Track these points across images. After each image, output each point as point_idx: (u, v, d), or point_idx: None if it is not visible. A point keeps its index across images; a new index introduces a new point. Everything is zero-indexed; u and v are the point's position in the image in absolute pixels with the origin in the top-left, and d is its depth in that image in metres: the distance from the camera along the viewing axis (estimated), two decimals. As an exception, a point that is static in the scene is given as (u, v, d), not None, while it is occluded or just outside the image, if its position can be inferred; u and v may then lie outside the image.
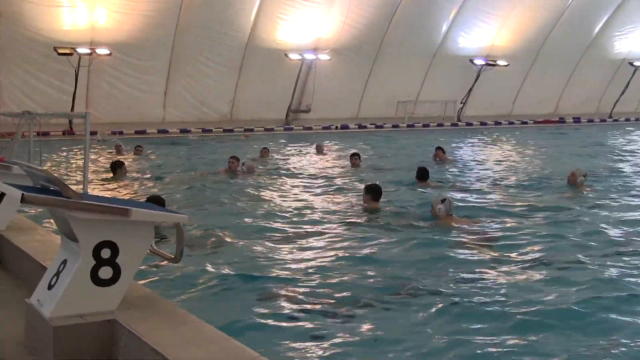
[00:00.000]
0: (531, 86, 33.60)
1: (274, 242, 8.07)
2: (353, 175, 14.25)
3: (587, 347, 4.93)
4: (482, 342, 4.97)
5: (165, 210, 4.53)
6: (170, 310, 3.97)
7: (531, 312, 5.55)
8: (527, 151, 20.08)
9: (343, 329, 5.22)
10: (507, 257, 7.35)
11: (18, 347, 3.98)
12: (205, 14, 24.93)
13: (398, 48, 29.38)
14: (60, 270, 3.92)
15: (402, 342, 5.01)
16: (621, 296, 6.00)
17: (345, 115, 29.69)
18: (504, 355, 4.79)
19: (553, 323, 5.33)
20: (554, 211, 10.00)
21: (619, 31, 34.00)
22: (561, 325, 5.30)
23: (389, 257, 7.38)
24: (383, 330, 5.22)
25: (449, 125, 30.60)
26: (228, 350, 3.35)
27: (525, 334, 5.12)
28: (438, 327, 5.28)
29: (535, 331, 5.16)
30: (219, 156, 17.32)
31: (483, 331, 5.20)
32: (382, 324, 5.31)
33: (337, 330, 5.21)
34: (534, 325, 5.28)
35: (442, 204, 9.07)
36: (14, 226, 6.09)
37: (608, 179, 13.63)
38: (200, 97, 26.62)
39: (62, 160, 16.02)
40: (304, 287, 6.30)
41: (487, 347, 4.89)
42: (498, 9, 30.29)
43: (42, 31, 22.86)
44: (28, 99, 23.10)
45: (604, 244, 8.06)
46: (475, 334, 5.15)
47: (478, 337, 5.08)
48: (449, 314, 5.54)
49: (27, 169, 4.34)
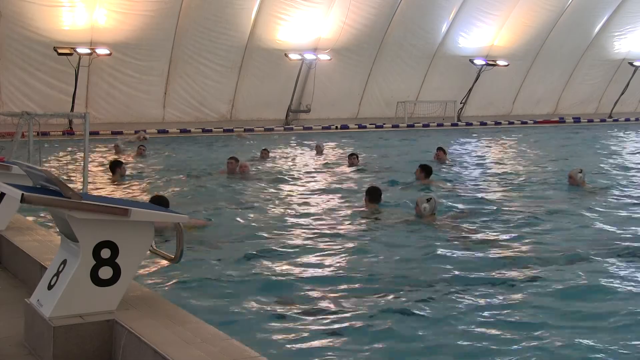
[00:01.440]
0: (531, 86, 33.64)
1: (274, 242, 8.06)
2: (353, 176, 14.24)
3: (588, 347, 4.93)
4: (481, 341, 4.98)
5: (165, 210, 4.53)
6: (170, 310, 3.97)
7: (530, 312, 5.56)
8: (528, 151, 20.07)
9: (343, 329, 5.22)
10: (507, 257, 7.35)
11: (18, 347, 3.98)
12: (205, 14, 24.94)
13: (398, 48, 29.40)
14: (60, 270, 3.92)
15: (402, 341, 5.02)
16: (625, 295, 6.00)
17: (345, 115, 29.71)
18: (502, 354, 4.80)
19: (552, 322, 5.33)
20: (556, 210, 10.02)
21: (618, 31, 34.02)
22: (561, 324, 5.31)
23: (388, 257, 7.38)
24: (383, 329, 5.22)
25: (449, 125, 30.62)
26: (228, 350, 3.35)
27: (526, 333, 5.13)
28: (438, 325, 5.28)
29: (535, 330, 5.17)
30: (218, 156, 17.33)
31: (481, 329, 5.20)
32: (382, 324, 5.31)
33: (337, 330, 5.21)
34: (532, 324, 5.29)
35: (427, 203, 9.13)
36: (14, 226, 6.10)
37: (610, 178, 13.62)
38: (200, 97, 26.62)
39: (62, 160, 16.02)
40: (303, 287, 6.31)
41: (487, 346, 4.90)
42: (498, 9, 30.31)
43: (42, 31, 22.87)
44: (28, 99, 23.11)
45: (607, 242, 8.05)
46: (474, 332, 5.15)
47: (477, 335, 5.09)
48: (449, 313, 5.54)
49: (27, 169, 4.33)
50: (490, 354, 4.80)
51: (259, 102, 27.59)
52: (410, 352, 4.88)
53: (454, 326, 5.28)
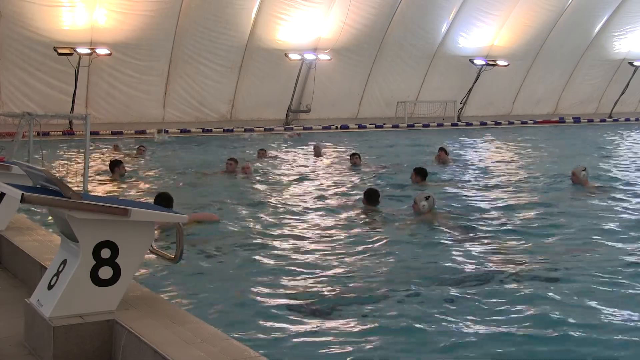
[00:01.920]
0: (531, 86, 33.62)
1: (274, 243, 8.08)
2: (353, 176, 14.24)
3: (589, 346, 4.93)
4: (480, 340, 4.98)
5: (165, 210, 4.53)
6: (170, 310, 3.97)
7: (530, 312, 5.56)
8: (528, 151, 20.07)
9: (344, 329, 5.23)
10: (506, 257, 7.35)
11: (18, 347, 3.98)
12: (205, 14, 24.92)
13: (398, 48, 29.39)
14: (60, 270, 3.92)
15: (402, 341, 5.02)
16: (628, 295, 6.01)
17: (345, 116, 29.70)
18: (502, 353, 4.80)
19: (552, 323, 5.33)
20: (559, 209, 10.03)
21: (618, 31, 34.00)
22: (562, 322, 5.31)
23: (387, 258, 7.39)
24: (384, 329, 5.22)
25: (449, 125, 30.61)
26: (228, 350, 3.35)
27: (524, 332, 5.13)
28: (437, 324, 5.28)
29: (536, 328, 5.17)
30: (218, 156, 17.33)
31: (480, 328, 5.21)
32: (382, 324, 5.32)
33: (337, 330, 5.22)
34: (532, 323, 5.29)
35: (426, 201, 9.23)
36: (14, 226, 6.10)
37: (609, 178, 13.62)
38: (200, 97, 26.61)
39: (62, 160, 16.02)
40: (303, 287, 6.31)
41: (487, 346, 4.90)
42: (498, 9, 30.29)
43: (42, 31, 22.85)
44: (28, 99, 23.10)
45: (608, 242, 8.06)
46: (473, 331, 5.15)
47: (476, 334, 5.09)
48: (448, 312, 5.54)
49: (27, 169, 4.34)
50: (490, 354, 4.80)
51: (259, 102, 27.58)
52: (411, 351, 4.88)
53: (453, 324, 5.28)
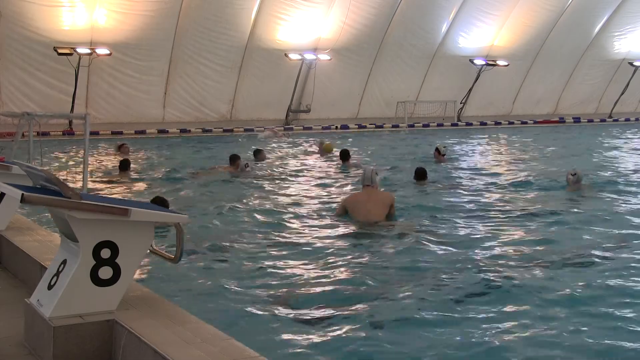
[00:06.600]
0: (531, 86, 33.64)
1: (273, 242, 8.07)
2: (354, 176, 14.22)
3: (589, 346, 4.93)
4: (479, 342, 4.99)
5: (165, 210, 4.52)
6: (170, 310, 3.97)
7: (530, 311, 5.57)
8: (528, 151, 20.06)
9: (344, 329, 5.22)
10: (505, 256, 7.35)
11: (18, 347, 3.98)
12: (205, 14, 24.94)
13: (398, 48, 29.40)
14: (60, 270, 3.92)
15: (402, 342, 5.02)
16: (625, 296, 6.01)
17: (345, 116, 29.72)
18: (501, 352, 4.80)
19: (552, 322, 5.34)
20: (553, 210, 10.01)
21: (618, 31, 34.02)
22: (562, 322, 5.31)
23: (386, 257, 7.38)
24: (384, 330, 5.22)
25: (449, 125, 30.61)
26: (228, 350, 3.35)
27: (524, 333, 5.13)
28: (438, 325, 5.28)
29: (535, 329, 5.17)
30: (218, 156, 17.33)
31: (479, 330, 5.21)
32: (383, 324, 5.31)
33: (337, 330, 5.22)
34: (532, 324, 5.29)
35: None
36: (14, 226, 6.10)
37: (609, 178, 13.62)
38: (200, 97, 26.62)
39: (62, 160, 16.02)
40: (303, 287, 6.31)
41: (487, 345, 4.90)
42: (498, 9, 30.31)
43: (42, 31, 22.86)
44: (28, 99, 23.11)
45: (603, 242, 8.05)
46: (472, 333, 5.15)
47: (475, 335, 5.09)
48: (448, 313, 5.55)
49: (27, 169, 4.33)
50: (490, 354, 4.80)
51: (259, 102, 27.59)
52: (411, 352, 4.88)
53: (453, 327, 5.29)
